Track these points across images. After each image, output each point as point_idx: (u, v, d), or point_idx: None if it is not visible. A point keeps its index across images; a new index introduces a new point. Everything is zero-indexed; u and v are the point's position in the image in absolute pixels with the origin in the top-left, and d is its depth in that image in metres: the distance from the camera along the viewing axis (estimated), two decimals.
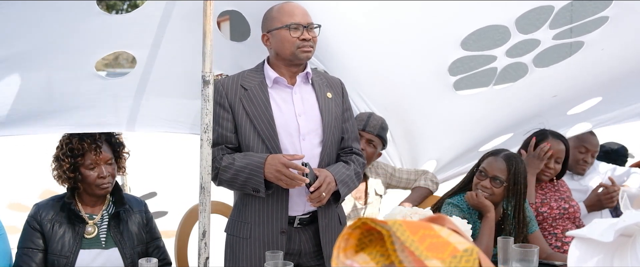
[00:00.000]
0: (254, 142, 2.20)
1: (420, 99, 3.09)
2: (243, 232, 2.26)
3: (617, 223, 1.32)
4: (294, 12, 2.20)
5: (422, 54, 2.79)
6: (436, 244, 0.86)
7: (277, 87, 2.26)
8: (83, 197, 2.33)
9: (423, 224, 0.90)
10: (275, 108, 2.22)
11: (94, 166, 2.28)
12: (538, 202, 2.88)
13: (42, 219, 2.26)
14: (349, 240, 0.90)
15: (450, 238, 0.88)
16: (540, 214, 2.87)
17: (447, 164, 3.51)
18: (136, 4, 22.88)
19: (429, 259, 0.83)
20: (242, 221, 2.26)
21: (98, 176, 2.28)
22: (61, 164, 2.28)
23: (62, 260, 2.23)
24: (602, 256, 1.33)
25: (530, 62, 2.87)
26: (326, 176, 2.17)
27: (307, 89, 2.30)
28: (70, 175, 2.27)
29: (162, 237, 2.50)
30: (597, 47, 2.74)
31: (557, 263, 2.45)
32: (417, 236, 0.86)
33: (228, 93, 2.23)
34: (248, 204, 2.25)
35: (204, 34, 2.17)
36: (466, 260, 0.85)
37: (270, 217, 2.22)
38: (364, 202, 2.97)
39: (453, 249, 0.86)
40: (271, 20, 2.23)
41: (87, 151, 2.27)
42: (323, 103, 2.28)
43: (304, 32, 2.19)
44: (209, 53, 2.19)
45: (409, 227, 0.87)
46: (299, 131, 2.23)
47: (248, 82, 2.25)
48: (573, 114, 3.32)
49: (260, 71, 2.28)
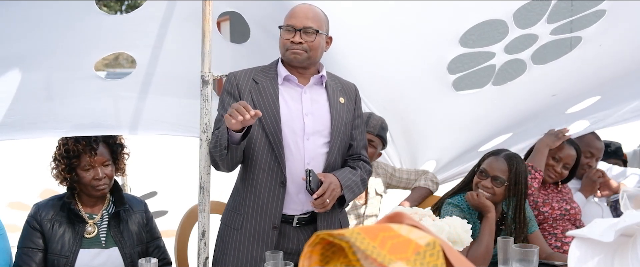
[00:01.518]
0: (257, 135, 2.19)
1: (420, 98, 3.08)
2: (235, 223, 2.25)
3: (618, 223, 1.32)
4: (295, 14, 2.20)
5: (421, 53, 2.79)
6: (397, 244, 0.85)
7: (288, 85, 2.25)
8: (82, 197, 2.34)
9: (381, 227, 0.88)
10: (283, 104, 2.21)
11: (89, 168, 2.27)
12: (540, 202, 2.88)
13: (42, 219, 2.26)
14: (312, 257, 0.89)
15: (411, 235, 0.87)
16: (541, 214, 2.87)
17: (446, 164, 3.51)
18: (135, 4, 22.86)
19: (393, 261, 0.82)
20: (236, 211, 2.26)
21: (93, 178, 2.28)
22: (58, 165, 2.28)
23: (62, 260, 2.22)
24: (602, 256, 1.33)
25: (528, 59, 2.87)
26: (331, 182, 2.16)
27: (320, 91, 2.28)
28: (66, 176, 2.27)
29: (163, 237, 2.50)
30: (595, 43, 2.74)
31: (557, 263, 2.45)
32: (377, 241, 0.85)
33: (239, 84, 2.24)
34: (244, 195, 2.24)
35: (203, 34, 2.18)
36: (430, 254, 0.84)
37: (263, 211, 2.21)
38: (364, 202, 2.97)
39: (415, 246, 0.85)
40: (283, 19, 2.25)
41: (82, 153, 2.27)
42: (334, 107, 2.27)
43: (296, 35, 2.18)
44: (207, 53, 2.19)
45: (368, 233, 0.85)
46: (304, 131, 2.21)
47: (260, 77, 2.26)
48: (571, 112, 3.32)
49: (273, 68, 2.28)
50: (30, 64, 2.31)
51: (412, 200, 2.99)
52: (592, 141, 3.22)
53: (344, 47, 2.75)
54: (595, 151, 3.21)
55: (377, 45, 2.77)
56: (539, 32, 2.72)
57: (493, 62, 2.93)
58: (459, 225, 1.97)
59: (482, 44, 2.86)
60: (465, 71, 3.07)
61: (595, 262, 1.33)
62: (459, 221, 1.98)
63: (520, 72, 2.93)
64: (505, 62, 2.91)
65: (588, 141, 3.20)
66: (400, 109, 3.14)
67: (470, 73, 3.04)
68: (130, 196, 2.50)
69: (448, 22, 2.63)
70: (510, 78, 3.00)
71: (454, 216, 2.03)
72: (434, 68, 2.87)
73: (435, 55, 2.81)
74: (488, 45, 2.85)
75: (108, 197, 2.39)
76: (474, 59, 2.89)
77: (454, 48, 2.74)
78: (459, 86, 2.99)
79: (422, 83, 2.98)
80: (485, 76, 3.02)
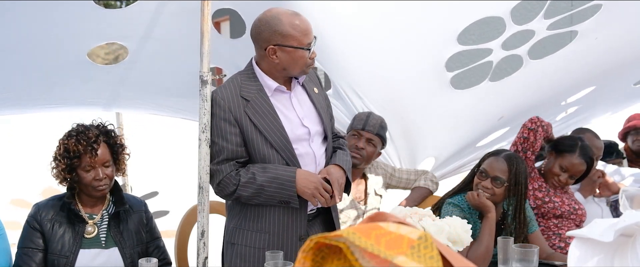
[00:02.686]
0: (268, 154, 2.16)
1: (418, 96, 3.09)
2: (258, 242, 2.20)
3: (617, 223, 1.32)
4: (309, 29, 2.12)
5: (420, 52, 2.79)
6: (391, 240, 0.85)
7: (277, 95, 2.20)
8: (82, 197, 2.33)
9: (371, 225, 0.88)
10: (282, 117, 2.18)
11: (90, 169, 2.26)
12: (545, 196, 2.87)
13: (42, 219, 2.26)
14: (305, 263, 0.89)
15: (400, 230, 0.87)
16: (544, 205, 2.83)
17: (445, 160, 3.52)
18: None
19: (394, 256, 0.82)
20: (257, 230, 2.20)
21: (94, 178, 2.26)
22: (58, 165, 2.28)
23: (62, 260, 2.22)
24: (602, 256, 1.33)
25: (525, 54, 2.87)
26: (337, 177, 2.16)
27: (300, 90, 2.27)
28: (66, 176, 2.26)
29: (165, 237, 2.50)
30: (590, 36, 2.74)
31: (557, 263, 2.45)
32: (371, 238, 0.84)
33: (231, 107, 2.15)
34: (263, 213, 2.20)
35: (201, 34, 2.17)
36: (424, 247, 0.84)
37: (289, 224, 2.19)
38: (364, 202, 2.96)
39: (408, 241, 0.85)
40: (284, 36, 2.09)
41: (83, 153, 2.24)
42: (317, 101, 2.27)
43: (314, 49, 2.16)
44: (206, 53, 2.18)
45: (362, 232, 0.85)
46: (309, 134, 2.21)
47: (246, 91, 2.17)
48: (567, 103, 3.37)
49: (253, 77, 2.20)
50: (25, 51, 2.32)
51: (412, 200, 2.98)
52: (591, 141, 3.21)
53: (343, 47, 2.75)
54: (596, 150, 3.21)
55: (376, 45, 2.77)
56: (535, 28, 2.72)
57: (490, 59, 2.93)
58: (459, 225, 1.97)
59: (480, 41, 2.86)
60: (462, 68, 3.07)
61: (595, 262, 1.33)
62: (459, 221, 1.98)
63: (516, 68, 2.93)
64: (502, 58, 2.92)
65: (589, 142, 3.19)
66: (399, 107, 3.14)
67: (467, 70, 3.04)
68: (130, 196, 2.49)
69: (446, 20, 2.64)
70: (507, 74, 3.00)
71: (454, 216, 2.03)
72: (432, 66, 2.87)
73: (433, 53, 2.81)
74: (485, 41, 2.85)
75: (108, 197, 2.39)
76: (472, 56, 2.89)
77: (452, 46, 2.74)
78: (456, 83, 2.99)
79: (420, 81, 2.98)
80: (483, 73, 3.02)
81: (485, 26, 2.80)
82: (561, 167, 2.85)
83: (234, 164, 2.15)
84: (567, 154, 2.84)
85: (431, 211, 2.07)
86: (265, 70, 2.18)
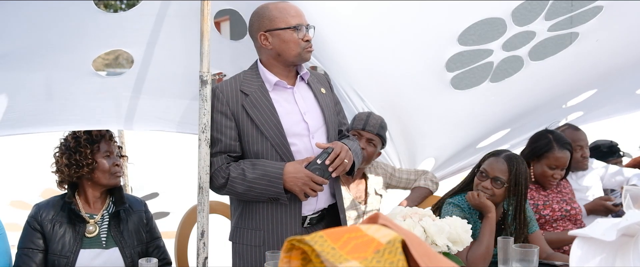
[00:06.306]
0: (263, 149, 2.17)
1: (418, 96, 3.08)
2: (254, 240, 2.21)
3: (620, 223, 1.32)
4: (298, 13, 2.18)
5: (420, 52, 2.79)
6: (360, 244, 0.87)
7: (278, 90, 2.21)
8: (86, 194, 2.33)
9: (350, 228, 0.91)
10: (281, 111, 2.18)
11: (109, 154, 2.33)
12: (540, 204, 2.87)
13: (42, 220, 2.26)
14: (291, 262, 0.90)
15: (377, 233, 0.88)
16: (542, 217, 2.86)
17: (445, 162, 3.51)
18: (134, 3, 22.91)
19: (348, 261, 0.83)
20: (252, 228, 2.21)
21: (113, 164, 2.33)
22: (71, 156, 2.27)
23: (62, 260, 2.23)
24: (604, 256, 1.32)
25: (525, 56, 2.87)
26: (341, 146, 2.15)
27: (304, 87, 2.28)
28: (84, 163, 2.27)
29: (165, 238, 2.49)
30: (591, 38, 2.74)
31: (557, 263, 2.44)
32: (339, 242, 0.87)
33: (229, 101, 2.17)
34: (256, 210, 2.20)
35: (201, 34, 2.17)
36: (389, 251, 0.86)
37: (283, 222, 2.18)
38: (364, 202, 2.96)
39: (377, 245, 0.87)
40: (271, 20, 2.15)
41: (101, 140, 2.33)
42: (322, 100, 2.28)
43: (306, 33, 2.17)
44: (206, 53, 2.18)
45: (332, 236, 0.88)
46: (309, 130, 2.21)
47: (247, 86, 2.19)
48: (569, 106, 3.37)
49: (256, 74, 2.23)
50: (28, 63, 2.31)
51: (412, 200, 2.98)
52: (573, 135, 3.22)
53: (343, 47, 2.75)
54: (581, 141, 3.24)
55: (375, 45, 2.77)
56: (536, 29, 2.72)
57: (491, 60, 2.93)
58: (459, 225, 1.96)
59: (481, 42, 2.86)
60: (463, 69, 3.06)
61: (597, 262, 1.32)
62: (459, 221, 1.98)
63: (517, 69, 2.93)
64: (503, 59, 2.92)
65: (571, 135, 3.19)
66: (399, 108, 3.14)
67: (467, 71, 3.04)
68: (130, 196, 2.50)
69: (446, 21, 2.63)
70: (508, 75, 3.00)
71: (454, 216, 2.02)
72: (432, 67, 2.87)
73: (433, 53, 2.80)
74: (486, 42, 2.85)
75: (108, 197, 2.39)
76: (472, 57, 2.89)
77: (453, 46, 2.74)
78: (456, 84, 2.99)
79: (420, 82, 2.98)
80: (483, 73, 3.02)
81: (486, 27, 2.80)
82: (549, 166, 2.88)
83: (226, 157, 2.19)
84: (547, 153, 2.87)
85: (431, 211, 2.07)
86: (265, 63, 2.23)
